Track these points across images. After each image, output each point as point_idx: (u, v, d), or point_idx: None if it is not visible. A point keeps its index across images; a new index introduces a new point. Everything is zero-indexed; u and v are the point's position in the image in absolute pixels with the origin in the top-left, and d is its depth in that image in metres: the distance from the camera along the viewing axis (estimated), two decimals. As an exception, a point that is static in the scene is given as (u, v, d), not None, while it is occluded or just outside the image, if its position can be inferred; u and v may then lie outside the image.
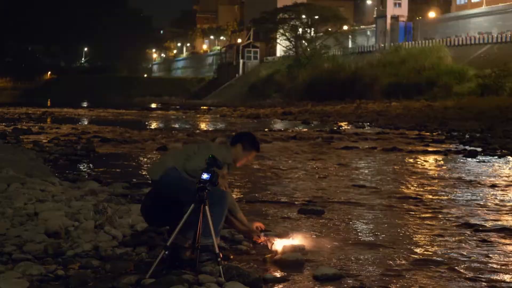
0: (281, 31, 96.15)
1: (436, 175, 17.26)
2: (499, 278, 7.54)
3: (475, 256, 8.51)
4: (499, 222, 10.70)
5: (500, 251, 8.79)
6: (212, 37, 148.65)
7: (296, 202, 12.51)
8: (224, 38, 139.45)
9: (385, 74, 66.88)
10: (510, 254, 8.65)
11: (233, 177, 15.61)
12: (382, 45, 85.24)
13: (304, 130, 35.60)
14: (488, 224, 10.51)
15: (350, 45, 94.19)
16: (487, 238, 9.50)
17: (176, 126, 33.61)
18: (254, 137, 7.64)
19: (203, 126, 40.84)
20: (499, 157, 21.49)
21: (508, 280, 7.45)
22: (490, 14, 77.34)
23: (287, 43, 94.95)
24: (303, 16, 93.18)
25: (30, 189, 11.00)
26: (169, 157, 7.57)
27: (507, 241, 9.37)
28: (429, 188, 14.85)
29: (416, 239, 9.46)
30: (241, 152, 7.42)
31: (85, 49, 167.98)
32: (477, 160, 20.57)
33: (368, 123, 41.59)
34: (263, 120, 49.02)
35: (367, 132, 33.47)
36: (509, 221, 10.87)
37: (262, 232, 8.51)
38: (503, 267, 8.02)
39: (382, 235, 9.67)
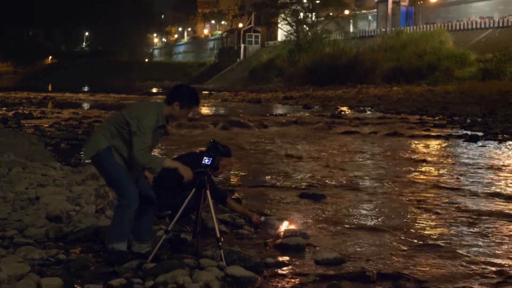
0: (282, 15, 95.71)
1: (437, 160, 17.25)
2: (500, 262, 7.54)
3: (476, 241, 8.52)
4: (501, 207, 10.71)
5: (502, 236, 8.80)
6: (213, 21, 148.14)
7: (297, 187, 12.52)
8: (225, 23, 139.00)
9: (386, 58, 66.64)
10: (510, 238, 8.66)
11: (234, 162, 15.61)
12: (383, 29, 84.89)
13: (305, 114, 35.55)
14: (490, 209, 10.51)
15: (351, 30, 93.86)
16: (488, 223, 9.51)
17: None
18: (192, 92, 7.15)
19: (204, 110, 40.78)
20: (501, 141, 21.47)
21: (507, 264, 7.46)
22: (492, -1, 77.14)
23: (288, 27, 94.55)
24: (304, 1, 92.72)
25: (31, 173, 11.01)
26: (102, 133, 7.03)
27: (507, 225, 9.37)
28: (430, 172, 14.85)
29: (417, 224, 9.47)
30: (178, 110, 7.10)
31: (86, 33, 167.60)
32: (479, 145, 20.55)
33: (369, 108, 41.52)
34: (264, 105, 48.93)
35: (368, 117, 33.43)
36: (509, 205, 10.87)
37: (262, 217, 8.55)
38: (504, 252, 8.03)
39: (383, 220, 9.69)
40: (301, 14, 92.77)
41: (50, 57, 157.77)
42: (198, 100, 7.15)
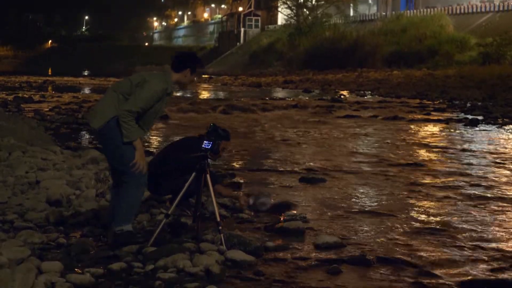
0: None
1: (437, 144, 17.25)
2: (499, 246, 7.55)
3: (476, 225, 8.52)
4: (500, 191, 10.72)
5: (501, 220, 8.81)
6: (213, 5, 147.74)
7: (297, 171, 12.52)
8: (225, 6, 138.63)
9: (386, 42, 66.53)
10: (510, 223, 8.67)
11: (234, 146, 15.60)
12: (384, 13, 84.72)
13: (306, 98, 35.53)
14: (489, 193, 10.52)
15: (351, 14, 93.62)
16: (487, 207, 9.52)
17: (178, 94, 33.54)
18: (199, 58, 7.49)
19: (204, 95, 40.75)
20: (500, 125, 21.48)
21: (508, 248, 7.47)
22: (493, -18, 76.90)
23: (289, 11, 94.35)
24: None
25: (31, 157, 11.01)
26: (108, 102, 7.02)
27: (507, 210, 9.38)
28: (430, 157, 14.85)
29: (417, 207, 9.47)
30: (189, 76, 7.30)
31: (86, 17, 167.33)
32: (479, 129, 20.56)
33: (370, 92, 41.52)
34: (264, 89, 48.92)
35: (369, 101, 33.42)
36: (509, 190, 10.88)
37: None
38: (504, 235, 8.04)
39: (383, 204, 9.69)
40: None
41: (50, 41, 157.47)
42: (203, 65, 7.62)
